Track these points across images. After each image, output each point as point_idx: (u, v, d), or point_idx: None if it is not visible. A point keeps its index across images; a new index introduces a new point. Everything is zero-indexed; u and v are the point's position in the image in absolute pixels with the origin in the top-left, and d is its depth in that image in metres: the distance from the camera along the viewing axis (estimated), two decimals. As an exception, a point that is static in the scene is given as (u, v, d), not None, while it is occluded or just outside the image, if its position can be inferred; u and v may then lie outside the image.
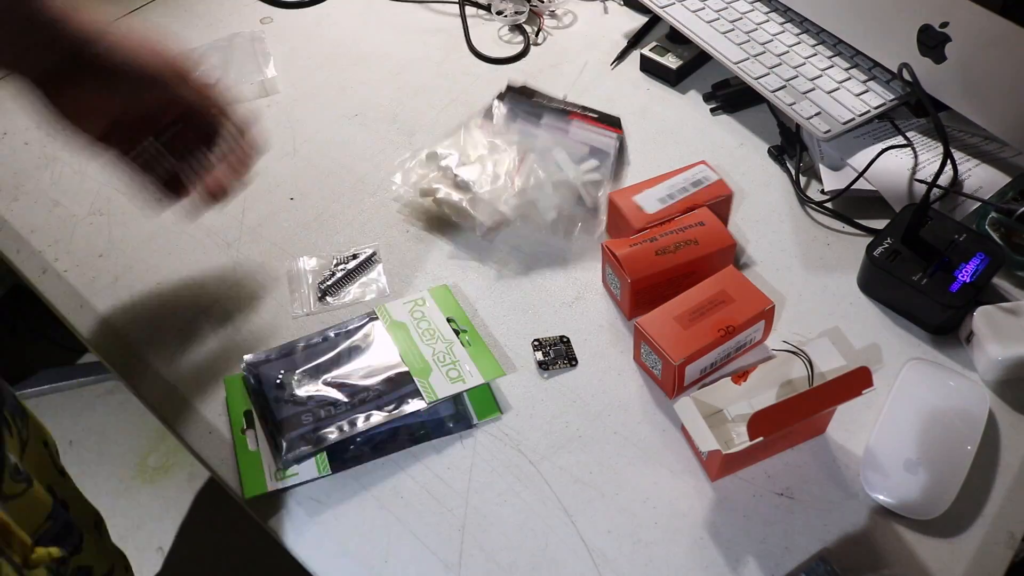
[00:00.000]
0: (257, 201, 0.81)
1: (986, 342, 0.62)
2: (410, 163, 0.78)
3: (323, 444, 0.60)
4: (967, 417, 0.60)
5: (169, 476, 1.47)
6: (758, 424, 0.53)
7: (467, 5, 1.02)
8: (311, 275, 0.73)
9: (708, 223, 0.69)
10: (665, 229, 0.68)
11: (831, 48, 0.85)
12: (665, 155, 0.83)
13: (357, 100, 0.91)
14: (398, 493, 0.60)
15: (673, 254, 0.67)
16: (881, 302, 0.69)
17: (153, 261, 0.76)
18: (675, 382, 0.62)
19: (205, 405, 0.66)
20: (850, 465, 0.60)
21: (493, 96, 0.85)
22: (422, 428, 0.63)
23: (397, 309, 0.69)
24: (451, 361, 0.65)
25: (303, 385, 0.64)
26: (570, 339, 0.68)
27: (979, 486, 0.58)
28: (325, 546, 0.58)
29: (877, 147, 0.77)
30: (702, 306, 0.63)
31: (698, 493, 0.59)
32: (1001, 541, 0.56)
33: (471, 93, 0.91)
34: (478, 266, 0.74)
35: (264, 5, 1.04)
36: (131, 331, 0.71)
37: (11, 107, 0.92)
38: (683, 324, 0.62)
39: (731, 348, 0.64)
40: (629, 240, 0.68)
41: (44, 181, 0.84)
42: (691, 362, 0.61)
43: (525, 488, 0.60)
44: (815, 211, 0.77)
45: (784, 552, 0.56)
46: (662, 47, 0.91)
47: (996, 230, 0.70)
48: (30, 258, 0.77)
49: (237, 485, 0.61)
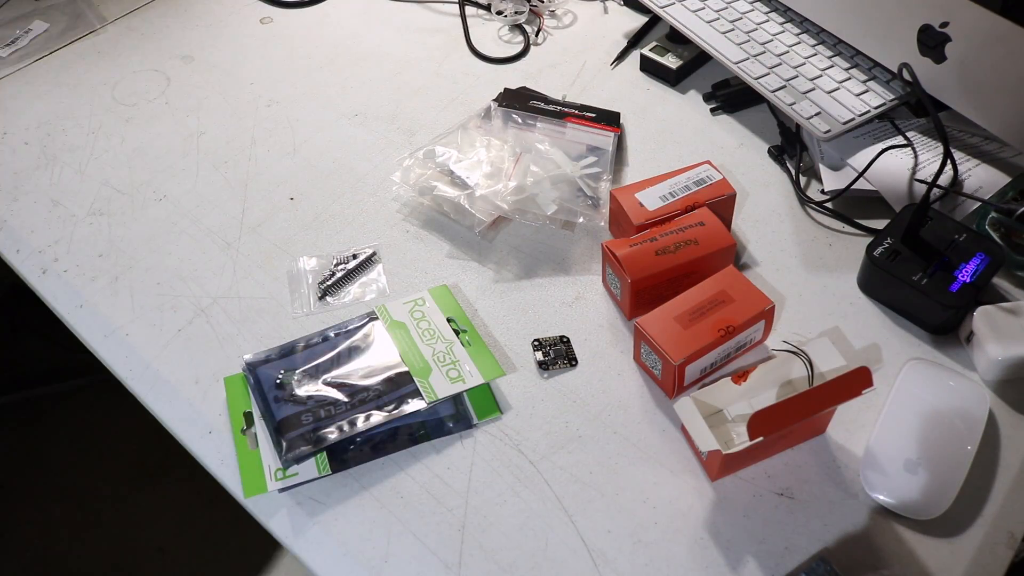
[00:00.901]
0: (257, 201, 0.81)
1: (986, 342, 0.62)
2: (408, 161, 0.78)
3: (323, 444, 0.60)
4: (967, 417, 0.60)
5: (169, 476, 1.47)
6: (758, 424, 0.53)
7: (467, 5, 1.02)
8: (311, 275, 0.73)
9: (708, 223, 0.69)
10: (665, 229, 0.68)
11: (831, 48, 0.85)
12: (665, 155, 0.83)
13: (357, 100, 0.91)
14: (398, 493, 0.60)
15: (673, 254, 0.67)
16: (881, 302, 0.69)
17: (153, 261, 0.76)
18: (675, 382, 0.62)
19: (205, 405, 0.66)
20: (850, 465, 0.60)
21: (490, 99, 0.85)
22: (422, 428, 0.63)
23: (397, 309, 0.69)
24: (451, 361, 0.65)
25: (303, 385, 0.64)
26: (570, 339, 0.68)
27: (979, 486, 0.58)
28: (325, 546, 0.58)
29: (877, 147, 0.77)
30: (702, 306, 0.63)
31: (698, 493, 0.59)
32: (1001, 541, 0.56)
33: (471, 93, 0.91)
34: (478, 266, 0.74)
35: (264, 5, 1.04)
36: (131, 331, 0.71)
37: (11, 107, 0.92)
38: (683, 324, 0.62)
39: (731, 348, 0.64)
40: (629, 240, 0.68)
41: (44, 181, 0.84)
42: (691, 362, 0.61)
43: (525, 488, 0.60)
44: (815, 211, 0.77)
45: (784, 552, 0.56)
46: (662, 47, 0.91)
47: (996, 230, 0.70)
48: (30, 258, 0.77)
49: (237, 485, 0.61)
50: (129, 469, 1.48)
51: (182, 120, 0.89)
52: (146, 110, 0.91)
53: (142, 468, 1.48)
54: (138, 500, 1.44)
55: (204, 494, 1.44)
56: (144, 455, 1.50)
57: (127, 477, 1.47)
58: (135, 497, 1.44)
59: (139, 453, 1.50)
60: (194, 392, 0.66)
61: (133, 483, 1.46)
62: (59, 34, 1.01)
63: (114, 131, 0.89)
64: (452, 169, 0.75)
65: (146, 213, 0.80)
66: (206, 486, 1.45)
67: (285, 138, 0.87)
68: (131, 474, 1.47)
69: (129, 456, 1.50)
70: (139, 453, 1.50)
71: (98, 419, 1.55)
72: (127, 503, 1.43)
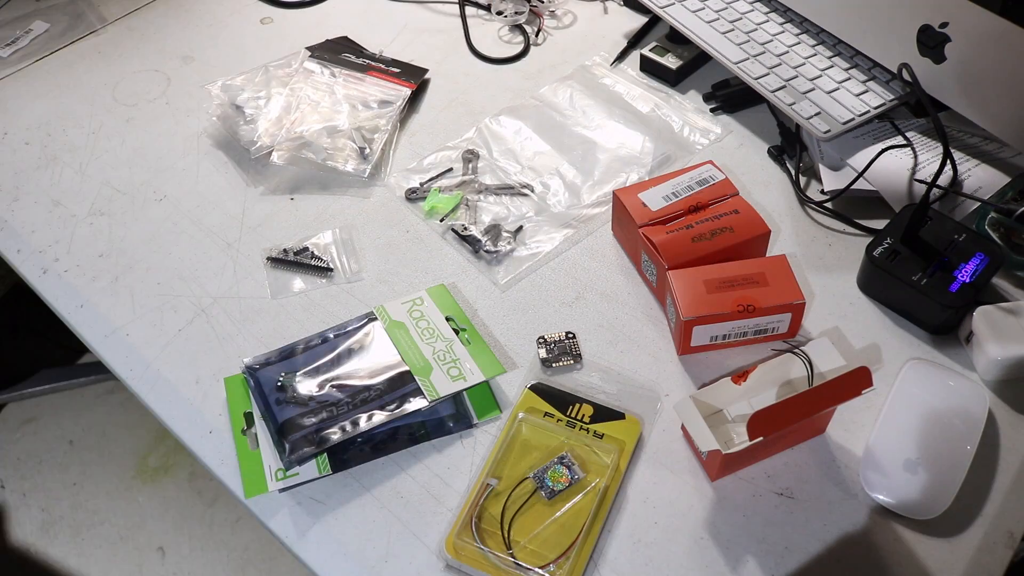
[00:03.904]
0: (257, 201, 0.81)
1: (986, 342, 0.62)
2: (216, 90, 0.87)
3: (326, 445, 0.60)
4: (967, 417, 0.60)
5: (169, 476, 1.47)
6: (758, 424, 0.53)
7: (467, 5, 1.02)
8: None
9: (743, 211, 0.70)
10: (700, 216, 0.69)
11: (831, 48, 0.85)
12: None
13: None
14: (398, 493, 0.60)
15: (710, 241, 0.68)
16: (881, 302, 0.70)
17: (153, 261, 0.76)
18: (682, 338, 0.64)
19: (205, 405, 0.66)
20: (850, 465, 0.60)
21: (304, 47, 0.92)
22: (422, 428, 0.63)
23: (396, 309, 0.69)
24: (451, 360, 0.65)
25: (304, 386, 0.64)
26: (575, 335, 0.68)
27: (979, 486, 0.58)
28: (325, 546, 0.58)
29: (877, 147, 0.77)
30: (735, 280, 0.64)
31: (698, 493, 0.59)
32: (1001, 541, 0.56)
33: (471, 93, 0.91)
34: (477, 266, 0.74)
35: (264, 5, 1.04)
36: (131, 331, 0.71)
37: (11, 107, 0.92)
38: (709, 288, 0.64)
39: (749, 329, 0.64)
40: (665, 227, 0.69)
41: (44, 181, 0.84)
42: (700, 324, 0.63)
43: (525, 488, 0.60)
44: (815, 211, 0.77)
45: (784, 552, 0.56)
46: (662, 47, 0.91)
47: (996, 230, 0.70)
48: (30, 258, 0.77)
49: (238, 485, 0.61)
50: (129, 469, 1.48)
51: (182, 120, 0.89)
52: (146, 110, 0.91)
53: (142, 468, 1.48)
54: (138, 500, 1.44)
55: (204, 494, 1.44)
56: (144, 455, 1.50)
57: (127, 477, 1.47)
58: (135, 497, 1.44)
59: (139, 453, 1.50)
60: (194, 392, 0.66)
61: (133, 483, 1.46)
62: (59, 34, 1.01)
63: (114, 131, 0.89)
64: (238, 104, 0.84)
65: (146, 213, 0.80)
66: (206, 486, 1.45)
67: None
68: (131, 474, 1.47)
69: (129, 456, 1.50)
70: (139, 453, 1.50)
71: (98, 419, 1.55)
72: (127, 503, 1.43)
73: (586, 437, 0.61)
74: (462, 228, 0.76)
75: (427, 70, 0.92)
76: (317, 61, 0.90)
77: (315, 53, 0.92)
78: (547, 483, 0.58)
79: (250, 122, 0.83)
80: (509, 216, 0.78)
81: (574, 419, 0.62)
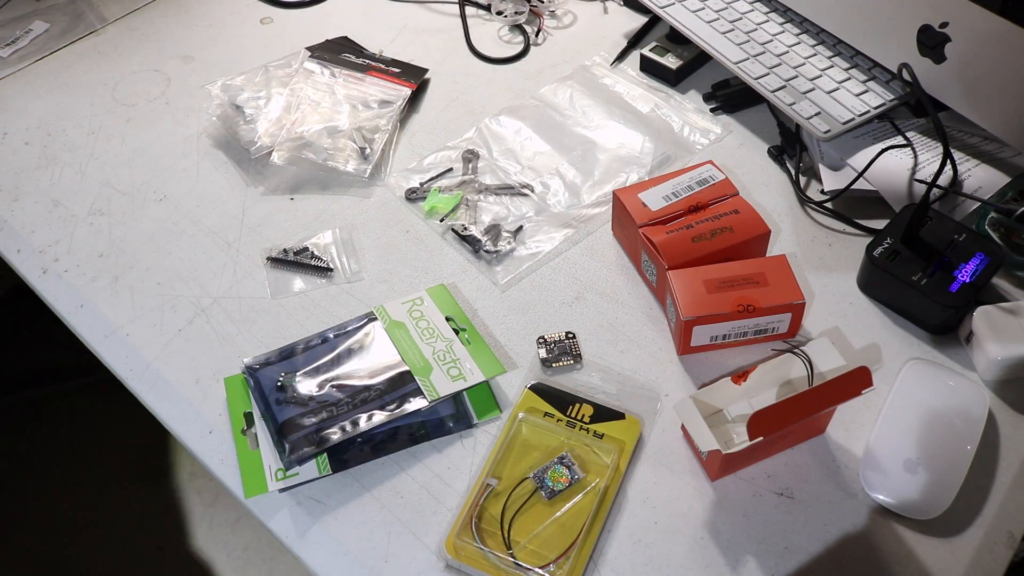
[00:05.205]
0: (257, 201, 0.81)
1: (986, 342, 0.62)
2: (216, 90, 0.87)
3: (326, 445, 0.60)
4: (967, 417, 0.60)
5: (169, 476, 1.47)
6: (758, 424, 0.53)
7: (467, 5, 1.02)
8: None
9: (743, 211, 0.70)
10: (700, 216, 0.69)
11: (831, 48, 0.85)
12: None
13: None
14: (398, 493, 0.60)
15: (709, 241, 0.68)
16: (881, 302, 0.70)
17: (153, 261, 0.76)
18: (682, 338, 0.64)
19: (205, 405, 0.66)
20: (850, 465, 0.60)
21: (304, 47, 0.92)
22: (422, 428, 0.63)
23: (396, 309, 0.69)
24: (451, 359, 0.65)
25: (304, 386, 0.64)
26: (575, 335, 0.68)
27: (979, 486, 0.58)
28: (325, 546, 0.58)
29: (877, 147, 0.77)
30: (735, 280, 0.64)
31: (698, 493, 0.59)
32: (1001, 541, 0.56)
33: (471, 93, 0.91)
34: (477, 266, 0.74)
35: (264, 5, 1.04)
36: (131, 331, 0.71)
37: (11, 107, 0.92)
38: (709, 288, 0.64)
39: (749, 329, 0.64)
40: (665, 227, 0.69)
41: (44, 181, 0.84)
42: (700, 324, 0.63)
43: (525, 488, 0.60)
44: (815, 211, 0.77)
45: (784, 552, 0.56)
46: (662, 47, 0.91)
47: (996, 230, 0.70)
48: (30, 258, 0.77)
49: (237, 485, 0.61)
50: (129, 469, 1.48)
51: (182, 120, 0.89)
52: (146, 110, 0.91)
53: (142, 468, 1.48)
54: (138, 500, 1.44)
55: (204, 494, 1.44)
56: (144, 455, 1.50)
57: (127, 477, 1.47)
58: (135, 497, 1.44)
59: (139, 453, 1.50)
60: (194, 392, 0.66)
61: (133, 483, 1.46)
62: (59, 34, 1.01)
63: (114, 131, 0.89)
64: (238, 104, 0.84)
65: (146, 213, 0.80)
66: (206, 486, 1.45)
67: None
68: (131, 474, 1.47)
69: (129, 456, 1.50)
70: (139, 453, 1.50)
71: (98, 419, 1.55)
72: (127, 503, 1.43)
73: (586, 437, 0.61)
74: (462, 228, 0.76)
75: (427, 70, 0.92)
76: (317, 61, 0.90)
77: (315, 53, 0.92)
78: (547, 483, 0.58)
79: (250, 122, 0.83)
80: (509, 216, 0.78)
81: (574, 419, 0.62)
